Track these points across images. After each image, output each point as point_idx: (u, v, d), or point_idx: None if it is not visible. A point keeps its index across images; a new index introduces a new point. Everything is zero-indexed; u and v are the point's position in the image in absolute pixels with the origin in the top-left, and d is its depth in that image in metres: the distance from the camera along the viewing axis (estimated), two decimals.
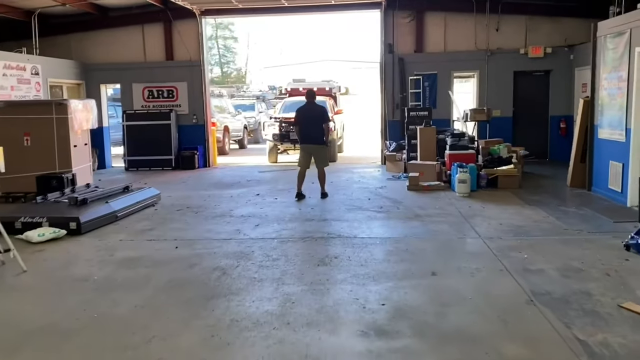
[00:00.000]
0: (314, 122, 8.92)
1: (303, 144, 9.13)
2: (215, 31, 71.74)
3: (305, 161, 9.12)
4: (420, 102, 13.29)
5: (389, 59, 13.37)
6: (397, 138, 13.23)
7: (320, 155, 9.14)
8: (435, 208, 8.09)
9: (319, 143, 9.00)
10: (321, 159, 9.17)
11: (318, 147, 9.05)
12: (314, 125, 8.92)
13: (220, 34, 71.73)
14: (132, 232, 7.08)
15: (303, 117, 9.07)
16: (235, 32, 70.32)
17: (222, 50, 72.57)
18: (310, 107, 9.16)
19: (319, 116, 9.03)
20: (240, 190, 10.14)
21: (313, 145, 9.00)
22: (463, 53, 13.21)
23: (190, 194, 9.88)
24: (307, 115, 9.01)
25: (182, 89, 13.91)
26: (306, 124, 8.99)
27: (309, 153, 9.09)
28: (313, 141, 8.97)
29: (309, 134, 8.96)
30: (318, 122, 8.94)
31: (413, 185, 9.59)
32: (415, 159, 11.12)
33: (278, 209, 8.30)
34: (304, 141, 9.08)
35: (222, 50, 72.87)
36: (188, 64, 13.78)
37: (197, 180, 11.80)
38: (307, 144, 9.05)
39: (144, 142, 13.72)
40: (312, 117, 8.98)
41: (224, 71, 74.25)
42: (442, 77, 13.32)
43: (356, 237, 6.47)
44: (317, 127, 8.90)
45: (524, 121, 13.36)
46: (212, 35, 70.99)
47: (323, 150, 9.17)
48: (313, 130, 8.92)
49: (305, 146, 9.10)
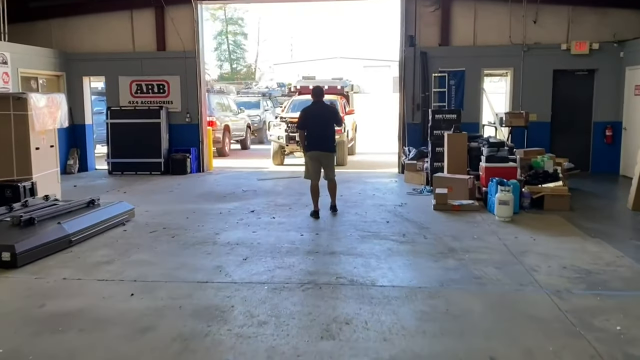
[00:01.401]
0: (323, 125, 7.54)
1: (311, 151, 7.60)
2: (225, 27, 70.73)
3: (316, 172, 7.67)
4: (444, 102, 11.60)
5: (410, 53, 11.68)
6: (417, 143, 11.56)
7: (331, 163, 7.74)
8: (472, 238, 6.41)
9: (330, 150, 7.64)
10: (331, 168, 7.76)
11: (328, 155, 7.66)
12: (323, 128, 7.54)
13: (230, 30, 70.70)
14: (83, 266, 5.47)
15: (310, 119, 7.63)
16: (245, 28, 69.13)
17: (231, 47, 71.51)
18: (319, 107, 7.75)
19: (329, 118, 7.65)
20: (232, 205, 8.50)
21: (323, 152, 7.57)
22: (495, 48, 11.49)
23: (173, 209, 8.27)
24: (316, 117, 7.60)
25: (174, 83, 12.31)
26: (314, 128, 7.56)
27: (318, 161, 7.60)
28: (323, 147, 7.56)
29: (319, 140, 7.54)
30: (328, 125, 7.58)
31: (441, 204, 7.91)
32: (440, 170, 9.44)
33: (275, 234, 6.66)
34: (311, 147, 7.59)
35: (232, 46, 71.80)
36: (182, 55, 12.17)
37: (186, 189, 10.19)
38: (315, 150, 7.57)
39: (130, 143, 12.14)
40: (321, 119, 7.59)
41: (233, 67, 73.10)
42: (471, 75, 11.61)
43: (374, 285, 4.81)
44: (327, 130, 7.55)
45: (563, 127, 11.62)
46: (222, 31, 69.98)
47: (333, 159, 7.82)
48: (324, 135, 7.54)
49: (314, 153, 7.60)
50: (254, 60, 71.92)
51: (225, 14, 69.57)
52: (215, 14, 69.69)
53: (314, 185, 7.65)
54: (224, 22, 70.09)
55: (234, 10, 69.97)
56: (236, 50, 72.40)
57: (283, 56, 68.87)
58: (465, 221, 7.28)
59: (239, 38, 71.25)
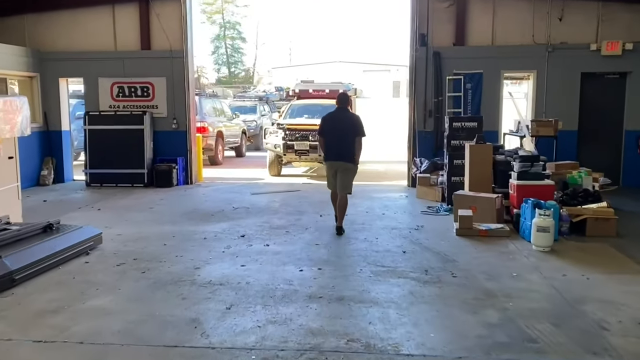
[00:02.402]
0: (344, 135, 7.03)
1: (329, 160, 7.20)
2: (223, 31, 69.81)
3: (332, 182, 7.23)
4: (460, 108, 10.43)
5: (422, 53, 10.50)
6: (429, 154, 10.39)
7: (346, 176, 7.05)
8: (511, 276, 5.21)
9: (348, 161, 7.03)
10: (346, 182, 7.06)
11: (345, 166, 7.04)
12: (343, 138, 7.02)
13: (228, 34, 69.77)
14: (21, 317, 4.26)
15: (331, 127, 7.16)
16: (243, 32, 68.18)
17: (229, 50, 70.53)
18: (341, 116, 7.23)
19: (350, 127, 7.04)
20: (220, 227, 7.30)
21: (340, 162, 7.05)
22: (516, 48, 10.32)
23: (150, 232, 7.06)
24: (337, 125, 7.12)
25: (159, 85, 11.11)
26: (334, 136, 7.09)
27: (334, 172, 7.15)
28: (340, 158, 7.04)
29: (337, 149, 7.05)
30: (348, 134, 7.02)
31: (465, 228, 6.72)
32: (459, 186, 8.26)
33: (268, 269, 5.46)
34: (329, 157, 7.17)
35: (230, 50, 70.82)
36: (168, 54, 10.98)
37: (169, 206, 8.97)
38: (333, 160, 7.12)
39: (110, 152, 10.92)
40: (343, 127, 7.06)
41: (231, 71, 72.13)
42: (489, 78, 10.43)
43: (399, 354, 3.60)
44: (347, 140, 7.01)
45: (591, 136, 10.45)
46: (220, 35, 69.06)
47: (350, 172, 7.10)
48: (342, 145, 7.01)
49: (332, 163, 7.15)
50: (252, 64, 71.01)
51: (223, 17, 68.87)
52: (212, 17, 69.02)
53: (333, 193, 7.24)
54: (222, 26, 69.32)
55: (231, 14, 69.24)
56: (234, 54, 71.51)
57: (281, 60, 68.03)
58: (498, 251, 6.08)
59: (237, 42, 70.41)
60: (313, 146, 11.87)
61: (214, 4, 67.21)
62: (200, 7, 67.04)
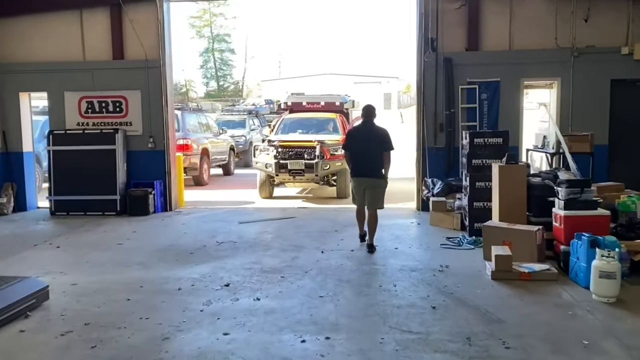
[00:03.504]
0: (372, 149, 6.78)
1: (357, 176, 6.97)
2: (211, 44, 68.81)
3: (361, 196, 6.95)
4: (475, 121, 9.22)
5: (431, 60, 9.29)
6: (441, 173, 9.16)
7: (375, 193, 6.80)
8: (581, 345, 3.92)
9: (377, 176, 6.80)
10: (376, 197, 6.80)
11: (374, 182, 6.79)
12: (372, 152, 6.77)
13: (217, 47, 68.78)
14: None
15: (358, 140, 6.95)
16: (232, 42, 67.12)
17: (218, 64, 69.50)
18: (368, 129, 6.95)
19: (379, 141, 6.80)
20: (199, 271, 5.96)
21: (370, 178, 6.81)
22: (537, 52, 9.15)
23: (113, 280, 5.71)
24: (364, 139, 6.87)
25: (134, 99, 9.81)
26: (361, 151, 6.83)
27: (363, 188, 6.89)
28: (368, 173, 6.82)
29: (366, 164, 6.80)
30: (375, 148, 6.77)
31: (503, 269, 5.44)
32: (483, 213, 7.02)
33: (259, 339, 4.12)
34: (358, 173, 6.95)
35: (219, 63, 69.78)
36: (143, 64, 9.69)
37: (142, 241, 7.62)
38: (360, 176, 6.90)
39: (77, 176, 9.58)
40: (371, 141, 6.82)
41: (220, 85, 71.06)
42: (507, 86, 9.24)
43: None
44: (376, 155, 6.77)
45: (623, 151, 9.24)
46: (209, 48, 68.02)
47: (380, 187, 6.83)
48: (371, 160, 6.77)
49: (360, 179, 6.92)
50: (242, 77, 69.92)
51: (212, 30, 67.87)
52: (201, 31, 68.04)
53: (359, 208, 7.02)
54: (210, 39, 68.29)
55: (220, 27, 68.25)
56: (223, 67, 70.39)
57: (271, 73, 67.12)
58: (551, 304, 4.80)
59: (225, 55, 69.30)
60: (309, 165, 10.60)
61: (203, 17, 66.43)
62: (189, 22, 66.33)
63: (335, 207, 10.05)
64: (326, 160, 10.70)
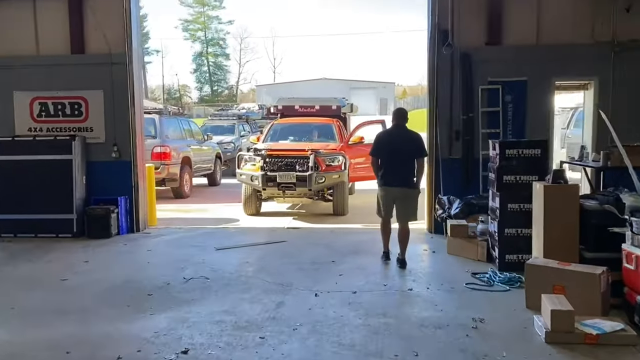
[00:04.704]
0: (405, 156, 6.26)
1: (386, 186, 6.33)
2: (205, 48, 67.49)
3: (390, 209, 6.38)
4: (498, 128, 7.82)
5: (445, 55, 7.88)
6: (457, 189, 7.74)
7: (408, 204, 6.29)
8: None
9: (409, 186, 6.27)
10: (408, 209, 6.30)
11: (406, 192, 6.27)
12: (404, 159, 6.26)
13: (211, 51, 67.44)
14: None
15: (389, 146, 6.33)
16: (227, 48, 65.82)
17: (212, 68, 68.14)
18: (401, 133, 6.40)
19: (413, 148, 6.30)
20: (152, 326, 4.47)
21: (400, 188, 6.25)
22: (571, 47, 7.75)
23: (36, 338, 4.23)
24: (396, 145, 6.29)
25: (95, 102, 8.33)
26: (393, 158, 6.27)
27: (392, 199, 6.31)
28: (400, 183, 6.25)
29: (397, 173, 6.25)
30: (411, 156, 6.27)
31: (561, 329, 4.00)
32: (518, 242, 5.62)
33: None
34: (388, 182, 6.31)
35: (213, 67, 68.43)
36: (106, 59, 8.21)
37: (92, 275, 6.12)
38: (391, 186, 6.29)
39: (26, 191, 8.07)
40: (404, 147, 6.27)
41: (214, 89, 69.65)
42: (536, 88, 7.84)
43: None
44: (409, 162, 6.27)
45: None
46: (202, 52, 66.69)
47: (413, 198, 6.32)
48: (403, 168, 6.27)
49: (389, 189, 6.30)
50: (236, 82, 68.56)
51: (206, 34, 66.55)
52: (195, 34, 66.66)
53: (385, 222, 6.43)
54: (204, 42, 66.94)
55: (215, 32, 66.93)
56: (217, 71, 69.02)
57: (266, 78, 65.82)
58: None
59: (219, 60, 67.95)
60: (301, 178, 9.14)
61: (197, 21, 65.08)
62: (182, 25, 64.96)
63: (331, 228, 8.59)
64: (321, 172, 9.24)
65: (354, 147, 10.53)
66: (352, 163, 10.27)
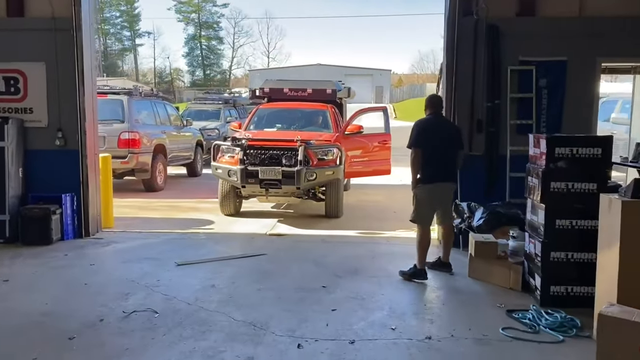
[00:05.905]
0: (448, 147, 5.37)
1: (436, 182, 5.28)
2: (198, 31, 65.49)
3: (435, 211, 5.41)
4: (531, 119, 6.35)
5: (467, 28, 6.40)
6: (479, 192, 6.31)
7: (450, 201, 5.58)
8: None
9: (454, 181, 5.57)
10: (450, 208, 5.65)
11: (452, 188, 5.50)
12: (448, 151, 5.37)
13: (204, 34, 65.46)
14: None
15: (433, 137, 5.31)
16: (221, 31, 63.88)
17: (205, 52, 66.19)
18: (442, 123, 5.57)
19: (454, 137, 5.46)
20: None
21: (452, 183, 5.48)
22: (619, 21, 6.30)
23: None
24: (439, 135, 5.34)
25: (35, 76, 6.78)
26: (437, 149, 5.26)
27: (439, 199, 5.37)
28: (448, 177, 5.41)
29: (443, 167, 5.32)
30: (453, 148, 5.41)
31: None
32: (568, 269, 4.26)
33: None
34: (434, 178, 5.28)
35: (206, 51, 66.48)
36: (49, 25, 6.67)
37: (6, 303, 4.63)
38: (440, 182, 5.31)
39: None
40: (446, 138, 5.38)
41: (206, 74, 67.78)
42: (577, 68, 6.38)
43: None
44: (451, 155, 5.41)
45: None
46: (195, 35, 64.72)
47: (453, 194, 5.60)
48: (447, 161, 5.37)
49: (439, 186, 5.31)
50: (229, 67, 66.71)
51: (199, 16, 64.50)
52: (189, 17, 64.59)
53: (427, 231, 5.32)
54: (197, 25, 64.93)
55: (209, 14, 64.90)
56: (210, 55, 67.07)
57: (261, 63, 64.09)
58: None
59: (213, 43, 66.01)
60: (288, 174, 7.65)
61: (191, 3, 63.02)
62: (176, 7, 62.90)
63: (322, 236, 7.13)
64: (312, 168, 7.75)
65: (351, 138, 9.05)
66: (349, 156, 8.82)
